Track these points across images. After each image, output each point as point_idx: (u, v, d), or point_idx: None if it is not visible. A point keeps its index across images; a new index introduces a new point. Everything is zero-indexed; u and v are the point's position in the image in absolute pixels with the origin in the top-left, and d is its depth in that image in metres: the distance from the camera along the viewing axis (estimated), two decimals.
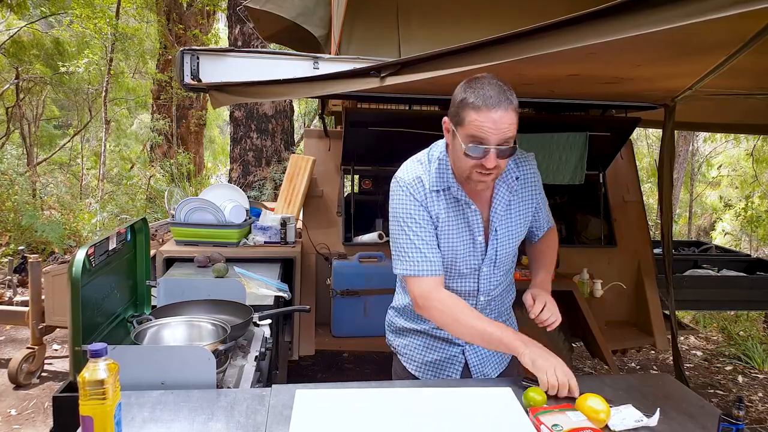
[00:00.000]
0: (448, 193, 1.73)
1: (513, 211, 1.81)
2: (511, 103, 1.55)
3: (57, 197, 8.78)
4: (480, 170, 1.60)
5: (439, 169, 1.73)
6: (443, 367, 1.94)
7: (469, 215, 1.75)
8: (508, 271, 1.92)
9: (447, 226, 1.75)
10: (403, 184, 1.74)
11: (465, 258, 1.79)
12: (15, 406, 3.68)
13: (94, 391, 1.12)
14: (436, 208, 1.74)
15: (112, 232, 1.86)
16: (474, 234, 1.77)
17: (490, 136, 1.54)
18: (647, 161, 11.40)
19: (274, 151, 7.77)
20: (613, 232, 4.00)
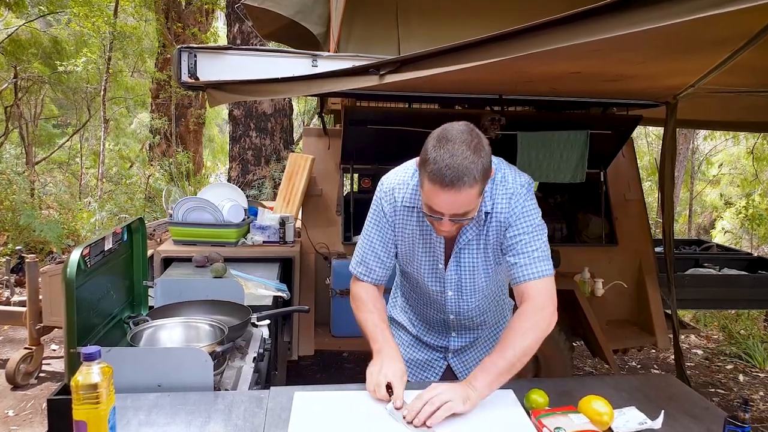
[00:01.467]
0: (420, 212, 1.68)
1: (483, 239, 1.69)
2: (472, 179, 1.41)
3: (55, 196, 8.75)
4: (435, 226, 1.57)
5: (417, 186, 1.67)
6: (424, 368, 1.98)
7: (434, 240, 1.71)
8: (487, 298, 1.83)
9: (412, 243, 1.74)
10: (379, 190, 1.76)
11: (429, 279, 1.78)
12: (13, 407, 3.66)
13: (87, 395, 1.09)
14: (405, 224, 1.73)
15: (107, 232, 1.83)
16: (436, 259, 1.73)
17: (442, 210, 1.48)
18: (647, 160, 11.37)
19: (273, 149, 7.74)
20: (614, 230, 3.98)
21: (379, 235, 1.76)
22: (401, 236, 1.75)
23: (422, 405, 1.41)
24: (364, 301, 1.77)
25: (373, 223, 1.77)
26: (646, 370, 4.93)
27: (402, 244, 1.76)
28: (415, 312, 1.97)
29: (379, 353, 1.62)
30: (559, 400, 1.56)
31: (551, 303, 1.60)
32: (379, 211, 1.75)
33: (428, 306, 1.88)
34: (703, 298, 4.07)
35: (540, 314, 1.58)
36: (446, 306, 1.81)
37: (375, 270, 1.78)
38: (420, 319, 1.96)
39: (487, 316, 1.89)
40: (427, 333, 1.96)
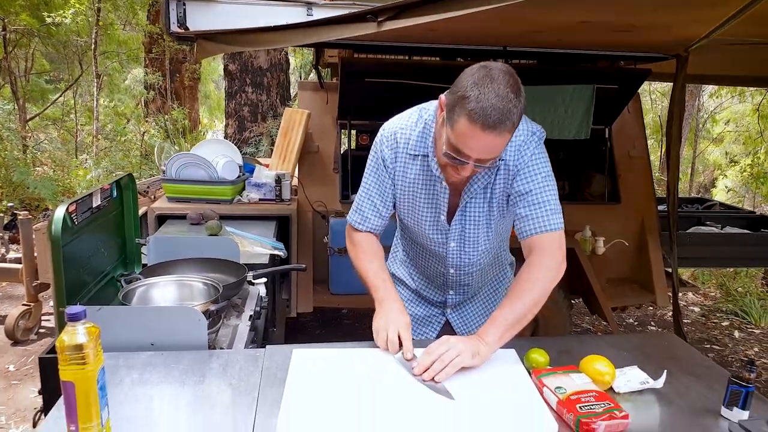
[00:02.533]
0: (424, 159, 1.62)
1: (492, 193, 1.62)
2: (511, 124, 1.35)
3: (50, 153, 8.64)
4: (454, 171, 1.48)
5: (423, 133, 1.61)
6: (423, 323, 1.95)
7: (438, 189, 1.63)
8: (489, 251, 1.76)
9: (414, 191, 1.67)
10: (380, 136, 1.68)
11: (430, 229, 1.71)
12: (13, 362, 3.68)
13: (73, 355, 1.05)
14: (406, 172, 1.65)
15: (95, 188, 1.77)
16: (439, 211, 1.66)
17: (473, 153, 1.39)
18: (651, 117, 11.22)
19: (269, 105, 7.61)
20: (617, 188, 3.92)
21: (376, 183, 1.69)
22: (401, 185, 1.67)
23: (432, 361, 1.39)
24: (363, 249, 1.72)
25: (371, 170, 1.70)
26: (643, 327, 4.96)
27: (402, 193, 1.69)
28: (414, 266, 1.92)
29: (382, 304, 1.59)
30: (559, 359, 1.53)
31: (560, 254, 1.55)
32: (378, 157, 1.67)
33: (428, 259, 1.83)
34: (704, 256, 4.05)
35: (549, 266, 1.53)
36: (447, 258, 1.76)
37: (370, 219, 1.72)
38: (419, 274, 1.92)
39: (486, 272, 1.85)
40: (426, 288, 1.92)
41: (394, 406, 1.29)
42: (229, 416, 1.25)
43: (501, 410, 1.29)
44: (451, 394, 1.34)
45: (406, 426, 1.22)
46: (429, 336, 1.93)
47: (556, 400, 1.30)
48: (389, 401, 1.31)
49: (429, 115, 1.61)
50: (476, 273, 1.81)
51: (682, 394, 1.41)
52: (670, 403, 1.37)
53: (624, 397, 1.39)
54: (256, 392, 1.35)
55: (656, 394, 1.41)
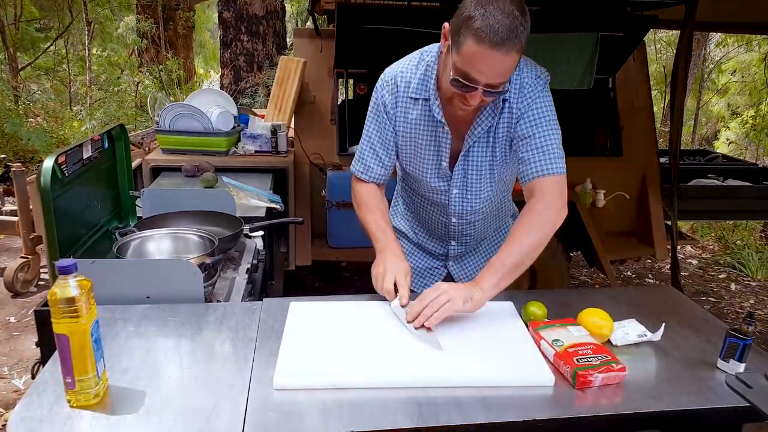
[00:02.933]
0: (425, 104, 1.58)
1: (495, 133, 1.59)
2: (519, 42, 1.30)
3: (42, 104, 8.50)
4: (462, 101, 1.43)
5: (425, 76, 1.56)
6: (425, 275, 1.94)
7: (440, 135, 1.60)
8: (491, 198, 1.72)
9: (416, 137, 1.63)
10: (381, 80, 1.63)
11: (431, 177, 1.68)
12: (14, 314, 3.71)
13: (66, 308, 1.04)
14: (408, 117, 1.61)
15: (85, 139, 1.73)
16: (441, 156, 1.63)
17: (481, 77, 1.34)
18: (655, 68, 11.02)
19: (265, 55, 7.46)
20: (619, 141, 3.86)
21: (377, 131, 1.65)
22: (403, 130, 1.64)
23: (423, 307, 1.39)
24: (365, 201, 1.70)
25: (372, 118, 1.66)
26: (640, 279, 4.99)
27: (404, 139, 1.65)
28: (416, 218, 1.90)
29: (382, 253, 1.58)
30: (557, 312, 1.53)
31: (561, 200, 1.52)
32: (379, 104, 1.63)
33: (430, 209, 1.80)
34: (705, 209, 4.03)
35: (549, 210, 1.50)
36: (449, 207, 1.73)
37: (373, 168, 1.69)
38: (421, 226, 1.90)
39: (488, 221, 1.83)
40: (428, 240, 1.91)
41: (391, 357, 1.29)
42: (226, 368, 1.25)
43: (498, 362, 1.29)
44: (440, 344, 1.33)
45: (403, 376, 1.23)
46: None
47: (554, 353, 1.30)
48: (386, 352, 1.31)
49: (431, 58, 1.56)
50: (479, 222, 1.78)
51: (679, 347, 1.41)
52: (667, 356, 1.37)
53: (621, 350, 1.39)
54: (253, 344, 1.35)
55: (653, 346, 1.41)
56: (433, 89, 1.55)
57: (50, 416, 1.08)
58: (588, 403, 1.19)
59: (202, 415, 1.09)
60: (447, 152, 1.62)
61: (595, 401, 1.19)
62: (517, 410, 1.15)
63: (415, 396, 1.17)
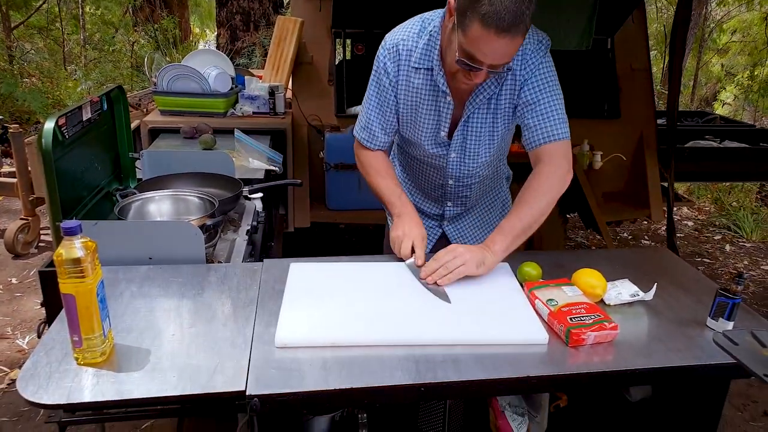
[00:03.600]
0: (428, 74, 1.58)
1: (497, 104, 1.60)
2: (525, 27, 1.32)
3: (37, 64, 8.38)
4: (466, 77, 1.44)
5: (428, 45, 1.56)
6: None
7: (441, 104, 1.61)
8: (488, 162, 1.74)
9: (416, 106, 1.64)
10: (382, 48, 1.62)
11: (430, 143, 1.70)
12: (15, 275, 3.74)
13: (71, 269, 1.06)
14: (410, 85, 1.61)
15: (84, 101, 1.73)
16: (440, 125, 1.64)
17: (486, 59, 1.36)
18: (655, 27, 10.85)
19: (262, 14, 7.33)
20: (617, 102, 3.84)
21: (380, 99, 1.66)
22: (404, 98, 1.64)
23: (438, 266, 1.45)
24: (374, 166, 1.73)
25: (374, 84, 1.66)
26: (636, 241, 5.03)
27: (405, 106, 1.65)
28: (412, 180, 1.92)
29: (400, 218, 1.63)
30: (552, 272, 1.56)
31: (567, 164, 1.57)
32: (380, 72, 1.63)
33: (427, 172, 1.81)
34: (702, 171, 4.04)
35: (556, 175, 1.55)
36: (447, 170, 1.75)
37: (378, 136, 1.70)
38: (417, 188, 1.92)
39: (485, 183, 1.85)
40: (424, 202, 1.93)
41: (389, 316, 1.32)
42: (228, 327, 1.28)
43: (494, 322, 1.32)
44: (449, 297, 1.40)
45: (401, 334, 1.26)
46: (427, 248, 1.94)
47: (548, 312, 1.33)
48: (384, 311, 1.34)
49: (434, 27, 1.56)
50: (475, 185, 1.80)
51: (670, 306, 1.45)
52: (658, 315, 1.41)
53: (614, 309, 1.42)
54: (255, 304, 1.38)
55: (645, 306, 1.45)
56: (436, 59, 1.55)
57: (59, 373, 1.11)
58: (581, 360, 1.23)
59: (206, 372, 1.12)
60: (447, 121, 1.63)
61: (587, 359, 1.23)
62: (512, 367, 1.18)
63: (413, 354, 1.21)
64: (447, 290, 1.43)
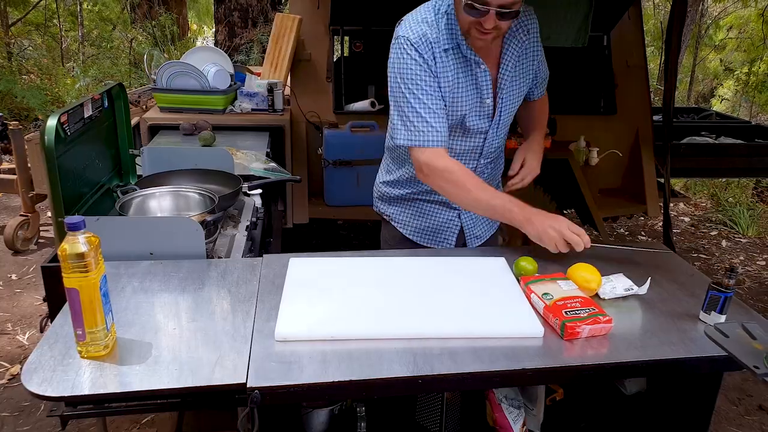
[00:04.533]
0: (457, 51, 1.62)
1: (520, 69, 1.73)
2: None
3: (35, 61, 8.37)
4: (479, 28, 1.50)
5: (448, 24, 1.61)
6: (439, 231, 1.93)
7: (479, 75, 1.65)
8: (506, 133, 1.87)
9: (456, 87, 1.65)
10: (407, 44, 1.59)
11: (473, 120, 1.71)
12: (15, 271, 3.76)
13: (75, 264, 1.08)
14: (446, 69, 1.63)
15: (86, 98, 1.75)
16: (482, 95, 1.68)
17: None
18: (652, 23, 10.86)
19: (260, 10, 7.34)
20: (613, 99, 3.87)
21: (425, 93, 1.61)
22: (445, 83, 1.64)
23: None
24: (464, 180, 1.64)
25: (411, 81, 1.61)
26: (633, 236, 5.06)
27: (446, 90, 1.65)
28: None
29: (532, 221, 1.58)
30: (548, 267, 1.58)
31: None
32: (415, 65, 1.59)
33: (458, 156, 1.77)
34: (697, 167, 4.06)
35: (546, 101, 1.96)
36: (484, 147, 1.79)
37: (440, 130, 1.63)
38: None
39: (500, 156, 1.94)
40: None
41: (388, 310, 1.34)
42: (228, 321, 1.30)
43: (490, 315, 1.34)
44: None
45: (399, 328, 1.28)
46: (447, 245, 1.93)
47: (543, 306, 1.35)
48: (383, 305, 1.36)
49: (448, 5, 1.61)
50: (497, 159, 1.90)
51: (664, 300, 1.47)
52: (652, 308, 1.43)
53: (609, 303, 1.45)
54: (255, 298, 1.40)
55: (640, 300, 1.47)
56: (460, 34, 1.60)
57: (62, 366, 1.13)
58: (575, 353, 1.25)
59: (207, 365, 1.14)
60: (489, 90, 1.68)
61: (582, 352, 1.25)
62: (508, 360, 1.20)
63: (411, 347, 1.23)
64: (443, 286, 1.47)
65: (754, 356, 1.14)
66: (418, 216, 1.92)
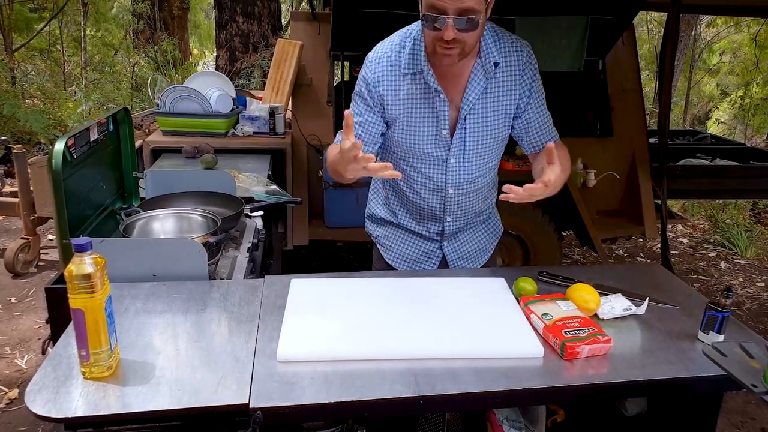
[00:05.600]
0: (419, 76, 1.62)
1: (489, 101, 1.65)
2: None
3: (38, 86, 8.46)
4: (441, 43, 1.48)
5: (414, 49, 1.61)
6: (420, 261, 1.94)
7: (437, 104, 1.63)
8: (486, 167, 1.77)
9: (411, 111, 1.65)
10: (364, 67, 1.66)
11: (429, 148, 1.69)
12: (15, 294, 3.75)
13: (82, 284, 1.10)
14: (399, 92, 1.63)
15: (92, 122, 1.78)
16: (439, 125, 1.66)
17: (446, 5, 1.41)
18: (647, 48, 11.02)
19: (261, 36, 7.44)
20: (610, 121, 3.91)
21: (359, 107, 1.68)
22: (395, 105, 1.65)
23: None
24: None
25: (356, 92, 1.68)
26: (632, 258, 5.07)
27: (398, 113, 1.66)
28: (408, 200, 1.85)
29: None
30: (548, 288, 1.59)
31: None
32: (362, 80, 1.66)
33: (425, 183, 1.77)
34: (694, 188, 4.10)
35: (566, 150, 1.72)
36: (447, 177, 1.74)
37: None
38: (413, 207, 1.86)
39: (481, 192, 1.84)
40: (422, 221, 1.88)
41: (389, 331, 1.35)
42: (231, 342, 1.31)
43: (491, 335, 1.35)
44: None
45: (400, 348, 1.29)
46: (430, 268, 1.93)
47: (543, 326, 1.36)
48: (384, 326, 1.37)
49: (417, 32, 1.62)
50: (474, 193, 1.81)
51: (662, 320, 1.48)
52: (650, 328, 1.45)
53: (608, 323, 1.46)
54: (257, 319, 1.41)
55: (638, 320, 1.48)
56: (424, 61, 1.60)
57: (66, 387, 1.13)
58: (575, 373, 1.25)
59: (210, 385, 1.15)
60: (446, 120, 1.65)
61: (582, 371, 1.26)
62: (509, 380, 1.21)
63: (412, 367, 1.24)
64: (444, 306, 1.48)
65: (752, 375, 1.15)
66: (401, 241, 1.92)
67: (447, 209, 1.82)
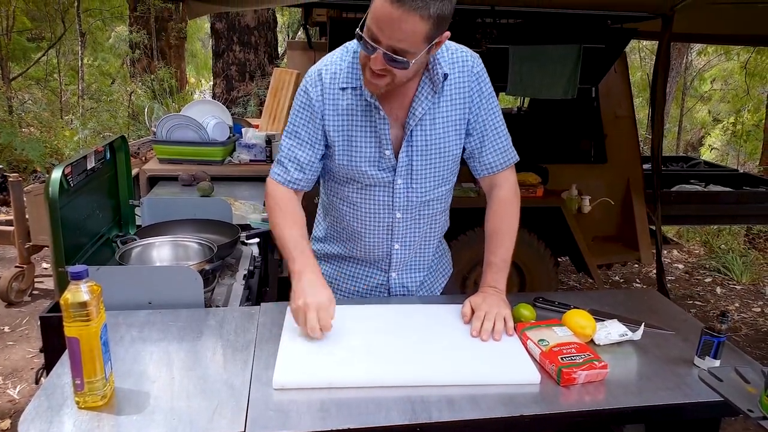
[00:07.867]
0: (357, 91, 1.52)
1: (438, 115, 1.55)
2: (426, 11, 1.26)
3: (35, 114, 8.52)
4: (370, 70, 1.39)
5: (353, 63, 1.51)
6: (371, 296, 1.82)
7: (377, 121, 1.53)
8: (439, 190, 1.66)
9: (349, 127, 1.55)
10: (306, 76, 1.58)
11: (372, 169, 1.58)
12: (8, 323, 3.72)
13: (77, 313, 1.10)
14: (339, 107, 1.54)
15: (89, 150, 1.79)
16: (382, 144, 1.55)
17: (381, 35, 1.30)
18: (639, 75, 11.19)
19: (257, 65, 7.53)
20: (603, 148, 3.96)
21: (297, 127, 1.59)
22: (334, 123, 1.55)
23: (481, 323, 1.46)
24: (283, 212, 1.63)
25: (293, 111, 1.61)
26: (628, 284, 5.08)
27: (336, 131, 1.56)
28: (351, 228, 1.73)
29: (300, 280, 1.47)
30: (544, 314, 1.60)
31: (516, 186, 1.68)
32: (299, 98, 1.58)
33: (372, 207, 1.66)
34: (688, 214, 4.13)
35: (517, 198, 1.67)
36: (394, 199, 1.62)
37: (291, 171, 1.64)
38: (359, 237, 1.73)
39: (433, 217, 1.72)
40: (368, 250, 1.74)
41: (385, 358, 1.35)
42: (227, 369, 1.30)
43: (487, 362, 1.35)
44: None
45: (397, 376, 1.28)
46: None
47: (540, 352, 1.36)
48: (380, 353, 1.37)
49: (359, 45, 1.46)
50: (424, 218, 1.69)
51: (658, 346, 1.48)
52: (646, 354, 1.44)
53: (604, 349, 1.46)
54: (253, 347, 1.40)
55: (634, 345, 1.48)
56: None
57: (59, 417, 1.12)
58: (572, 399, 1.25)
59: (206, 414, 1.14)
60: (387, 139, 1.54)
61: (579, 398, 1.26)
62: (506, 407, 1.21)
63: (408, 394, 1.23)
64: (440, 333, 1.47)
65: (749, 400, 1.15)
66: (349, 278, 1.82)
67: (395, 236, 1.70)
